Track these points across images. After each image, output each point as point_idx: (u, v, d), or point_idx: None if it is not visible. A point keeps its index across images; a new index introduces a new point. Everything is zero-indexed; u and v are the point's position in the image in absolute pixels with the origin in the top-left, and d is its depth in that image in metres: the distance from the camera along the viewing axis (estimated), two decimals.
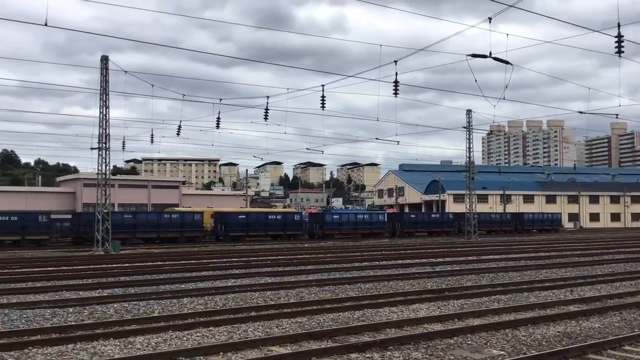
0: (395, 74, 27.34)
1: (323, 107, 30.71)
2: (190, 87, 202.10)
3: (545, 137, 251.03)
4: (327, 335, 11.00)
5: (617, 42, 20.05)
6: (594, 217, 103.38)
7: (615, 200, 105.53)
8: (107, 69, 36.51)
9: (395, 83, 27.49)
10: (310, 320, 12.79)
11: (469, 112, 55.08)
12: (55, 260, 29.50)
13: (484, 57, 23.58)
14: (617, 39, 20.05)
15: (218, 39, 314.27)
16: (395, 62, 26.33)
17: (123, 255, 33.13)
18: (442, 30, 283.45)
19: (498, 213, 77.18)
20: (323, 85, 30.26)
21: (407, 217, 67.81)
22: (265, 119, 34.62)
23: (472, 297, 16.45)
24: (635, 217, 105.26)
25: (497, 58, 23.69)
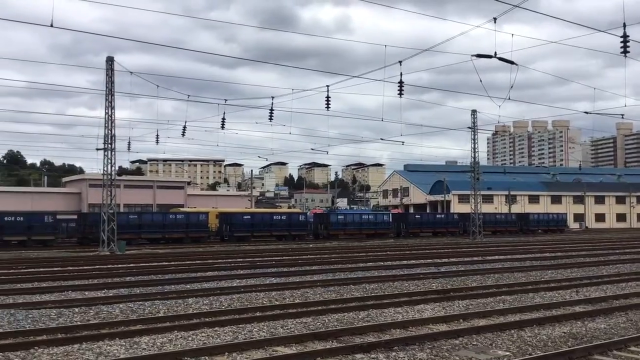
0: (400, 75, 27.34)
1: (328, 107, 30.75)
2: (195, 87, 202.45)
3: (551, 137, 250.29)
4: (332, 336, 11.01)
5: (622, 42, 20.00)
6: (600, 217, 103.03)
7: (621, 201, 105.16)
8: (112, 70, 36.61)
9: (400, 83, 27.48)
10: (315, 321, 12.80)
11: (474, 112, 55.02)
12: (61, 261, 29.62)
13: (489, 57, 23.54)
14: (622, 39, 19.99)
15: (223, 40, 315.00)
16: (400, 62, 26.31)
17: (128, 256, 33.22)
18: (447, 31, 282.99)
19: (503, 213, 76.98)
20: (328, 86, 30.36)
21: (412, 217, 67.77)
22: (270, 120, 34.68)
23: (477, 297, 16.44)
24: None
25: (502, 58, 23.64)
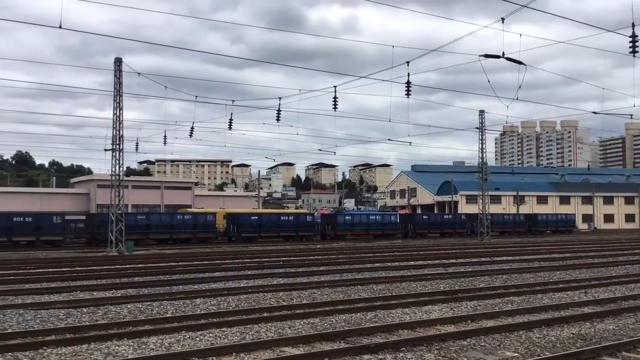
0: (408, 75, 27.35)
1: (335, 108, 30.79)
2: (203, 88, 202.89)
3: (559, 137, 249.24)
4: (339, 336, 11.00)
5: (631, 41, 19.91)
6: (609, 218, 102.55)
7: (630, 201, 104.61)
8: (120, 71, 36.75)
9: (408, 84, 27.48)
10: (323, 321, 12.80)
11: (482, 112, 54.89)
12: (70, 261, 29.75)
13: (497, 57, 23.48)
14: (631, 39, 19.90)
15: (230, 41, 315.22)
16: (408, 62, 26.30)
17: (136, 256, 33.32)
18: (454, 31, 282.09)
19: (511, 214, 76.72)
20: (335, 86, 30.47)
21: (419, 218, 67.67)
22: (278, 120, 34.74)
23: (485, 298, 16.38)
24: None
25: (510, 58, 23.58)
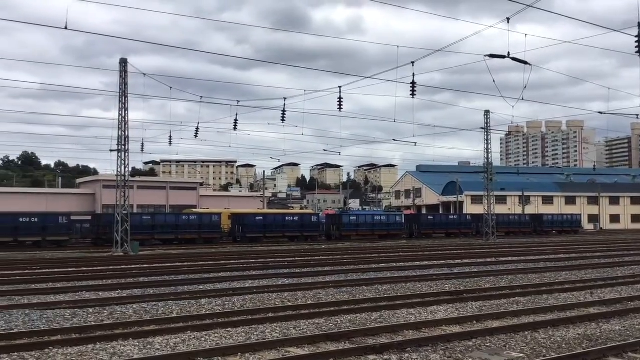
0: (413, 75, 27.33)
1: (340, 108, 30.80)
2: (208, 89, 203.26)
3: (565, 137, 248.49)
4: (344, 337, 10.99)
5: (637, 41, 19.81)
6: (614, 218, 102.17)
7: (636, 202, 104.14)
8: (126, 72, 36.86)
9: (413, 84, 27.45)
10: (328, 322, 12.80)
11: (487, 112, 54.81)
12: (75, 261, 29.84)
13: (502, 57, 23.41)
14: (637, 39, 19.81)
15: (235, 41, 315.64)
16: (413, 63, 26.28)
17: (142, 256, 33.39)
18: (459, 31, 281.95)
19: (517, 214, 76.56)
20: (340, 87, 30.47)
21: (424, 218, 67.56)
22: (283, 121, 34.80)
23: (490, 299, 16.35)
24: None
25: (515, 58, 23.51)
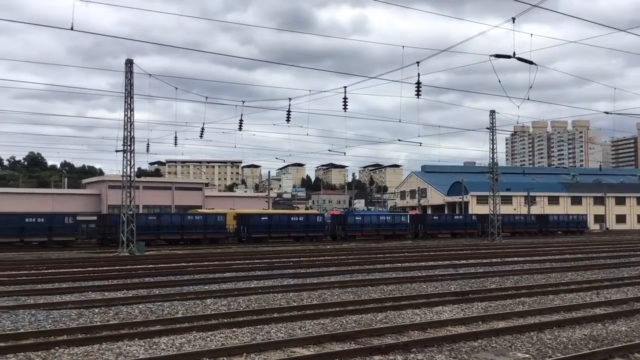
0: (418, 75, 27.30)
1: (345, 108, 30.79)
2: (213, 89, 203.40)
3: (571, 137, 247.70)
4: (350, 337, 10.99)
5: None
6: (620, 218, 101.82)
7: None
8: (131, 73, 36.93)
9: (418, 84, 27.42)
10: (333, 322, 12.80)
11: (493, 112, 54.66)
12: (81, 262, 29.91)
13: (508, 57, 23.37)
14: None
15: (240, 42, 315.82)
16: (418, 63, 26.25)
17: (147, 257, 33.46)
18: (464, 31, 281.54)
19: (522, 215, 76.40)
20: (345, 87, 30.48)
21: (429, 218, 67.47)
22: (288, 121, 34.78)
23: (496, 299, 16.32)
24: None
25: (521, 58, 23.47)
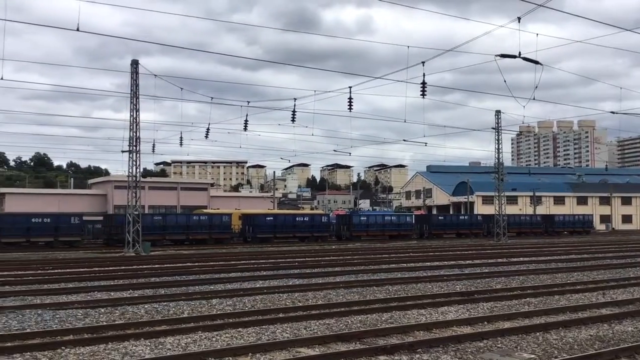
0: (423, 75, 27.32)
1: (350, 108, 30.81)
2: (218, 90, 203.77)
3: (576, 137, 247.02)
4: (355, 337, 10.99)
5: None
6: (627, 218, 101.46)
7: None
8: (137, 73, 37.02)
9: (423, 84, 27.41)
10: (338, 322, 12.80)
11: (498, 112, 54.56)
12: (87, 262, 30.00)
13: (513, 57, 23.32)
14: None
15: (246, 42, 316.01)
16: (423, 63, 26.23)
17: (153, 257, 33.53)
18: (470, 31, 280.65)
19: (528, 215, 76.21)
20: (350, 87, 30.50)
21: (435, 218, 67.40)
22: (293, 121, 34.82)
23: (501, 299, 16.28)
24: None
25: (526, 58, 23.41)
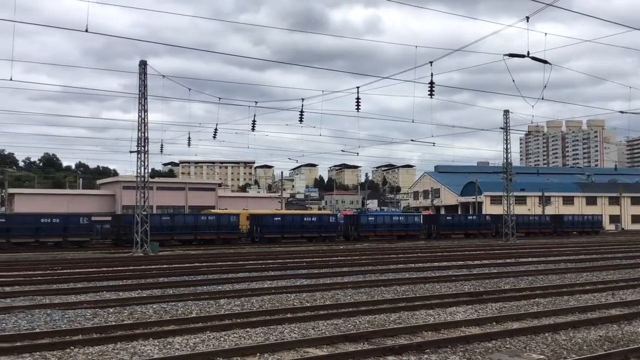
0: (431, 75, 27.26)
1: (358, 109, 30.79)
2: (226, 90, 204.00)
3: (585, 137, 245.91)
4: (363, 338, 10.98)
5: None
6: (636, 219, 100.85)
7: None
8: (145, 74, 37.14)
9: (431, 84, 27.36)
10: (346, 322, 12.79)
11: (507, 112, 54.36)
12: (96, 262, 30.11)
13: (522, 56, 23.24)
14: None
15: (253, 43, 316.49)
16: (431, 63, 26.17)
17: (161, 257, 33.61)
18: (478, 30, 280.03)
19: (537, 215, 75.92)
20: (358, 87, 30.48)
21: (443, 219, 67.23)
22: (300, 121, 34.84)
23: (510, 300, 16.23)
24: None
25: (535, 58, 23.32)
